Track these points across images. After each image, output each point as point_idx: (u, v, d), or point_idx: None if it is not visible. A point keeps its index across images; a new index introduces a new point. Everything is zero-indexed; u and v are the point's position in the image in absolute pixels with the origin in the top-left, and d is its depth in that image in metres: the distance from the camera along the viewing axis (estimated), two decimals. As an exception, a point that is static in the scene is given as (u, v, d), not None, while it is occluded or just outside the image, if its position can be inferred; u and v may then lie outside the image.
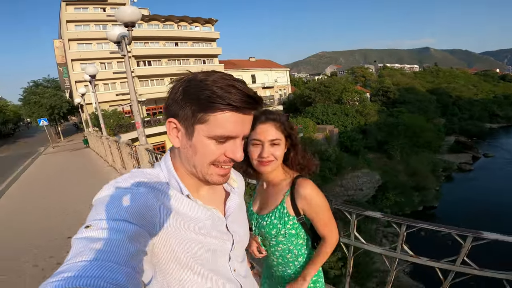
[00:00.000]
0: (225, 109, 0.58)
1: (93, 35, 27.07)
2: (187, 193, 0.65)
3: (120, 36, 4.44)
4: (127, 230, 0.47)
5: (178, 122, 0.62)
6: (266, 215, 1.17)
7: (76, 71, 26.55)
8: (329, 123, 33.78)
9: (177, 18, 32.28)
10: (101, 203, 0.54)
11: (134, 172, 0.64)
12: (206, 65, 34.92)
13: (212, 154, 0.62)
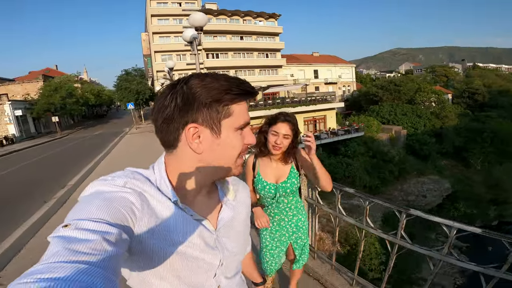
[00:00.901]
0: (245, 97, 0.62)
1: (171, 29, 29.95)
2: (175, 199, 0.61)
3: (192, 37, 5.27)
4: (107, 232, 0.45)
5: (199, 125, 0.60)
6: (287, 180, 1.80)
7: (157, 61, 29.96)
8: (397, 123, 31.29)
9: (243, 13, 33.34)
10: (83, 202, 0.52)
11: (126, 172, 0.62)
12: (269, 59, 35.50)
13: (240, 145, 0.63)
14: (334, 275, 2.37)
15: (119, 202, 0.52)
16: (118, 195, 0.54)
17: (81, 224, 0.45)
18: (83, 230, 0.44)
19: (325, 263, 2.55)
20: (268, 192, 1.82)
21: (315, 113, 30.77)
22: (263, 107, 27.45)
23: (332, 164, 23.38)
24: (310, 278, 2.57)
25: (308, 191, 2.77)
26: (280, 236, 1.96)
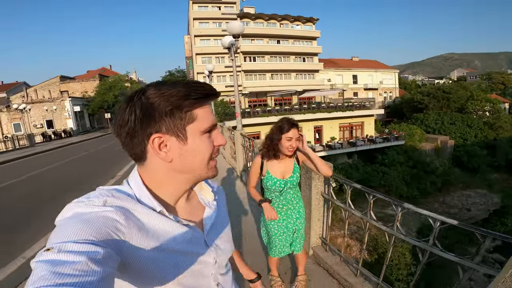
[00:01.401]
0: (206, 100, 0.62)
1: (211, 32, 31.26)
2: (159, 209, 0.61)
3: (230, 43, 5.69)
4: (93, 252, 0.44)
5: (164, 134, 0.59)
6: (293, 174, 2.14)
7: (198, 63, 31.45)
8: (443, 133, 29.17)
9: (280, 17, 33.64)
10: (63, 225, 0.50)
11: (101, 191, 0.60)
12: (306, 63, 35.27)
13: (209, 148, 0.63)
14: (341, 266, 2.51)
15: (101, 222, 0.51)
16: (100, 214, 0.52)
17: (65, 246, 0.44)
18: (68, 253, 0.42)
19: (335, 255, 2.70)
20: (278, 187, 2.12)
21: (352, 120, 29.93)
22: (298, 111, 27.41)
23: (368, 172, 22.56)
24: (320, 268, 2.72)
25: (325, 187, 2.93)
26: (287, 223, 2.23)
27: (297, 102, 31.61)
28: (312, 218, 2.98)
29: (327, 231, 2.87)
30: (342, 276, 2.37)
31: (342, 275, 2.37)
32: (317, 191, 2.92)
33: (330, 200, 2.79)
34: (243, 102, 32.55)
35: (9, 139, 19.97)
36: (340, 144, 26.61)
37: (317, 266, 2.76)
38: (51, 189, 7.10)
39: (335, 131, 29.43)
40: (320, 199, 2.95)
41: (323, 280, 2.52)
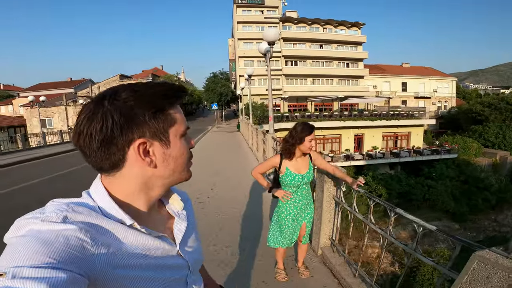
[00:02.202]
0: (180, 101, 0.60)
1: (254, 35, 31.80)
2: (130, 223, 0.55)
3: (266, 50, 5.98)
4: (55, 279, 0.38)
5: (148, 139, 0.55)
6: (308, 171, 2.42)
7: (240, 66, 32.36)
8: (504, 148, 26.21)
9: (323, 21, 33.14)
10: (16, 244, 0.43)
11: (58, 205, 0.51)
12: (350, 68, 34.14)
13: (187, 150, 0.62)
14: (343, 266, 2.60)
15: (62, 242, 0.44)
16: (60, 233, 0.45)
17: (20, 272, 0.38)
18: (24, 280, 0.37)
19: (341, 257, 2.80)
20: (297, 181, 2.39)
21: (397, 129, 28.25)
22: (338, 118, 26.71)
23: (411, 184, 21.22)
24: (325, 267, 2.84)
25: (336, 191, 3.04)
26: (298, 217, 2.49)
27: (338, 109, 30.78)
28: (323, 220, 3.10)
29: (336, 233, 2.97)
30: (342, 276, 2.47)
31: (343, 275, 2.48)
32: (329, 193, 3.03)
33: (340, 203, 2.90)
34: (282, 106, 32.69)
35: (72, 131, 22.73)
36: (382, 154, 25.31)
37: (323, 265, 2.88)
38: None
39: (377, 140, 28.04)
40: (332, 202, 3.06)
41: (325, 279, 2.64)
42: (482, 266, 1.12)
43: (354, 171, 24.11)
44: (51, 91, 42.83)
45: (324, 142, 27.82)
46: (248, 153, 11.17)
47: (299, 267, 2.70)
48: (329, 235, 3.10)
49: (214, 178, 6.99)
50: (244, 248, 3.35)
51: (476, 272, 1.14)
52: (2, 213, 5.12)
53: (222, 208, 4.79)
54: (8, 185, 7.55)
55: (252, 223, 4.14)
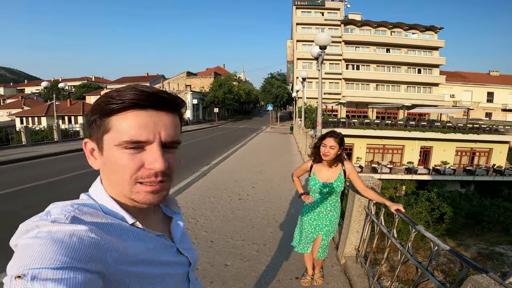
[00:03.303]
0: (123, 109, 0.53)
1: (312, 38, 31.02)
2: (132, 222, 0.57)
3: (318, 54, 5.93)
4: (73, 280, 0.39)
5: (90, 140, 0.57)
6: (333, 182, 2.38)
7: (298, 68, 32.11)
8: None
9: (391, 24, 30.77)
10: (31, 245, 0.42)
11: (62, 206, 0.51)
12: (422, 75, 30.96)
13: (128, 168, 0.54)
14: (361, 278, 2.52)
15: (78, 242, 0.44)
16: (74, 233, 0.45)
17: (39, 273, 0.37)
18: (44, 281, 0.37)
19: (362, 268, 2.71)
20: (318, 187, 2.42)
21: (475, 144, 24.73)
22: (403, 127, 24.55)
23: (484, 205, 18.61)
24: (344, 276, 2.78)
25: (369, 202, 2.95)
26: (316, 225, 2.50)
27: (404, 118, 28.25)
28: (351, 229, 3.03)
29: (363, 244, 2.88)
30: (358, 287, 2.41)
31: (358, 286, 2.42)
32: (360, 204, 2.96)
33: (369, 215, 2.81)
34: (340, 111, 31.44)
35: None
36: (452, 170, 22.47)
37: (343, 275, 2.83)
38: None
39: (449, 154, 24.96)
40: (362, 213, 2.97)
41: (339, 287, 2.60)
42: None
43: (416, 185, 21.97)
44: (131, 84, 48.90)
45: (384, 152, 25.89)
46: (296, 156, 11.15)
47: (315, 274, 2.70)
48: (356, 245, 3.01)
49: (257, 177, 7.23)
50: (270, 247, 3.48)
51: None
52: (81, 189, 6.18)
53: (259, 207, 4.97)
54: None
55: (284, 225, 4.22)
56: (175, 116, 0.59)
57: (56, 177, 7.02)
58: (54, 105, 17.42)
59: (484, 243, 16.22)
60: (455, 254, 1.34)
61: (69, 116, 36.55)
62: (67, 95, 42.73)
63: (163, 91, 0.57)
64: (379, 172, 21.85)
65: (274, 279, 2.75)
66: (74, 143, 14.03)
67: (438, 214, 17.26)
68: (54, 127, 14.87)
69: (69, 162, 9.33)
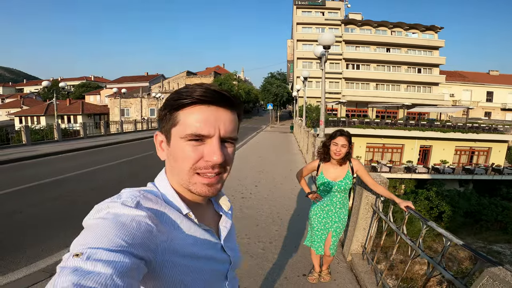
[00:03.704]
0: (189, 105, 0.58)
1: (313, 37, 31.01)
2: (186, 212, 0.60)
3: (321, 53, 5.93)
4: (121, 264, 0.42)
5: (160, 133, 0.63)
6: (342, 180, 2.39)
7: (298, 68, 32.07)
8: None
9: (391, 24, 30.75)
10: (97, 225, 0.47)
11: (132, 192, 0.57)
12: (422, 74, 31.01)
13: (189, 158, 0.58)
14: (369, 274, 2.54)
15: (135, 227, 0.49)
16: (135, 218, 0.50)
17: (95, 254, 0.41)
18: (96, 262, 0.40)
19: (369, 264, 2.73)
20: (326, 186, 2.44)
21: (474, 143, 24.83)
22: (403, 127, 24.60)
23: (482, 204, 18.77)
24: (351, 273, 2.80)
25: (376, 200, 2.97)
26: (325, 223, 2.50)
27: (404, 117, 28.31)
28: (357, 226, 3.05)
29: (369, 241, 2.90)
30: (365, 283, 2.44)
31: (366, 282, 2.44)
32: (367, 201, 2.98)
33: (377, 212, 2.83)
34: (339, 111, 31.47)
35: (145, 121, 25.67)
36: (451, 169, 22.55)
37: (349, 271, 2.85)
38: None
39: (448, 153, 25.04)
40: (369, 210, 2.99)
41: (347, 284, 2.63)
42: (491, 282, 1.08)
43: (415, 184, 22.05)
44: (131, 84, 48.84)
45: (384, 151, 25.95)
46: (297, 155, 11.18)
47: (322, 270, 2.72)
48: (362, 242, 3.04)
49: (260, 176, 7.25)
50: (276, 245, 3.50)
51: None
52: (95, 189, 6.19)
53: (263, 205, 4.99)
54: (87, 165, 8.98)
55: (289, 223, 4.25)
56: (234, 113, 0.63)
57: (60, 176, 7.02)
58: (55, 104, 17.38)
59: (482, 241, 16.31)
60: (469, 249, 1.36)
61: (68, 116, 36.53)
62: (66, 95, 42.67)
63: (225, 90, 0.61)
64: (378, 171, 21.89)
65: (281, 276, 2.77)
66: (74, 142, 14.02)
67: (437, 213, 17.35)
68: (55, 127, 14.85)
69: (71, 161, 9.33)
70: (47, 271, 2.91)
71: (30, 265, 3.03)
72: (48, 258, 3.18)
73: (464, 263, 8.72)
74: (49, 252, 3.32)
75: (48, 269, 2.96)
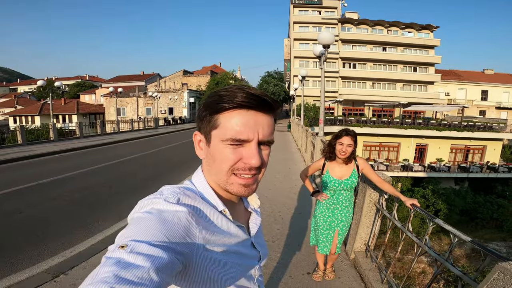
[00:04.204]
0: (231, 108, 0.59)
1: (310, 36, 31.10)
2: (221, 209, 0.63)
3: (320, 53, 5.95)
4: (159, 259, 0.44)
5: (200, 134, 0.65)
6: (348, 178, 2.41)
7: (295, 67, 32.09)
8: None
9: (388, 23, 30.91)
10: (142, 218, 0.51)
11: (173, 188, 0.61)
12: (418, 73, 31.24)
13: (228, 160, 0.60)
14: (373, 272, 2.56)
15: (176, 222, 0.52)
16: (176, 214, 0.53)
17: (138, 247, 0.44)
18: (137, 255, 0.43)
19: (373, 262, 2.76)
20: (333, 185, 2.45)
21: (470, 142, 25.13)
22: (399, 125, 24.80)
23: (478, 202, 19.00)
24: (355, 271, 2.82)
25: (379, 198, 2.99)
26: (331, 222, 2.51)
27: (400, 116, 28.53)
28: (361, 224, 3.07)
29: (373, 239, 2.93)
30: (370, 281, 2.46)
31: (371, 280, 2.46)
32: (371, 199, 3.00)
33: (380, 210, 2.85)
34: (336, 109, 31.60)
35: (141, 120, 25.52)
36: (447, 167, 22.80)
37: (353, 269, 2.87)
38: (168, 162, 9.02)
39: (444, 152, 25.31)
40: (372, 208, 3.02)
41: (352, 282, 2.65)
42: (502, 277, 1.10)
43: (411, 182, 22.25)
44: (127, 83, 48.47)
45: (380, 149, 26.13)
46: (296, 154, 11.20)
47: (327, 268, 2.73)
48: (365, 240, 3.06)
49: (259, 174, 7.26)
50: (279, 243, 3.51)
51: (495, 282, 1.12)
52: (86, 188, 6.15)
53: (264, 204, 4.99)
54: (79, 166, 8.91)
55: (290, 221, 4.26)
56: (271, 117, 0.64)
57: (59, 176, 6.96)
58: (50, 104, 17.18)
59: (478, 239, 16.44)
60: (478, 245, 1.38)
61: (63, 115, 36.17)
62: (60, 94, 42.23)
63: (264, 94, 0.61)
64: (376, 169, 22.04)
65: (286, 274, 2.79)
66: (70, 142, 13.90)
67: (433, 211, 17.52)
68: (50, 126, 14.69)
69: (68, 161, 9.25)
70: (50, 272, 2.87)
71: (32, 266, 2.99)
72: (51, 260, 3.14)
73: (461, 261, 8.88)
74: (51, 253, 3.29)
75: (51, 270, 2.92)
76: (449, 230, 1.60)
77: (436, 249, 2.03)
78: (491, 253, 1.29)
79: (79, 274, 2.83)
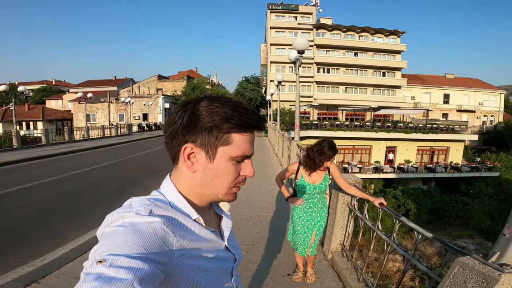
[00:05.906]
0: (247, 129, 0.62)
1: (286, 41, 31.55)
2: (195, 217, 0.63)
3: (295, 58, 6.15)
4: (141, 270, 0.44)
5: (196, 146, 0.62)
6: (322, 182, 2.54)
7: (272, 71, 32.48)
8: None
9: (359, 29, 32.29)
10: (117, 232, 0.50)
11: (140, 200, 0.60)
12: (386, 78, 32.93)
13: (233, 174, 0.63)
14: (350, 271, 2.69)
15: (152, 233, 0.52)
16: (151, 225, 0.53)
17: (117, 261, 0.44)
18: (118, 268, 0.42)
19: (349, 261, 2.89)
20: (308, 190, 2.54)
21: (434, 143, 26.81)
22: (370, 129, 25.92)
23: (444, 201, 20.23)
24: (333, 271, 2.93)
25: (351, 199, 3.14)
26: (308, 225, 2.59)
27: (371, 119, 29.82)
28: (335, 225, 3.20)
29: (347, 239, 3.06)
30: (347, 279, 2.57)
31: (348, 279, 2.58)
32: (343, 201, 3.14)
33: (353, 211, 2.99)
34: (311, 114, 32.39)
35: (113, 127, 24.55)
36: (415, 168, 24.13)
37: (331, 269, 2.98)
38: (144, 169, 8.76)
39: (411, 153, 26.77)
40: (345, 209, 3.16)
41: (330, 281, 2.75)
42: (461, 271, 1.21)
43: (383, 183, 23.26)
44: (97, 88, 46.34)
45: (353, 152, 27.10)
46: (273, 158, 11.36)
47: (308, 271, 2.79)
48: (341, 240, 3.19)
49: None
50: (259, 247, 3.55)
51: (456, 277, 1.24)
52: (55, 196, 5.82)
53: (242, 209, 5.03)
54: (47, 175, 8.44)
55: (269, 225, 4.32)
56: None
57: (25, 184, 6.52)
58: (13, 110, 15.99)
59: (447, 237, 17.54)
60: (438, 241, 1.52)
61: (27, 122, 33.96)
62: (24, 100, 39.58)
63: (260, 115, 0.67)
64: (349, 172, 22.81)
65: (267, 277, 2.83)
66: (35, 150, 13.05)
67: (403, 211, 18.40)
68: (13, 133, 13.73)
69: (35, 169, 8.70)
70: (21, 281, 2.75)
71: (1, 275, 2.86)
72: (20, 269, 3.00)
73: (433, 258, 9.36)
74: (20, 262, 3.14)
75: (21, 279, 2.79)
76: (412, 227, 1.73)
77: (409, 248, 2.19)
78: (450, 248, 1.43)
79: (52, 282, 2.72)
